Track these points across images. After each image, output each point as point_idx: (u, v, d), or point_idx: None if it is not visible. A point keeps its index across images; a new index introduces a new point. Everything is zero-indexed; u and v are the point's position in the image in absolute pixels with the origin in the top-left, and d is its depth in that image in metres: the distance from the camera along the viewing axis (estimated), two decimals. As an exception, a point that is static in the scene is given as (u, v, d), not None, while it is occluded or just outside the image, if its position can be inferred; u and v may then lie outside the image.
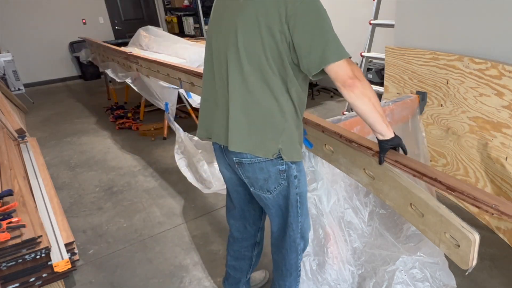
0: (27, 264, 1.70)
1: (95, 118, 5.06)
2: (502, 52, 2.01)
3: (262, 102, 1.22)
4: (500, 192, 2.10)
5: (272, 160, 1.28)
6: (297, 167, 1.35)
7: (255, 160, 1.28)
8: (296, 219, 1.44)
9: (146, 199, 2.89)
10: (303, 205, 1.44)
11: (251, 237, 1.67)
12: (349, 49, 1.23)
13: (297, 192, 1.38)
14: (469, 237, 1.01)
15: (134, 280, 2.05)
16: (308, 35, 1.12)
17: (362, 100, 1.14)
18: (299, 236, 1.48)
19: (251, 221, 1.63)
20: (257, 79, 1.21)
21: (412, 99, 1.92)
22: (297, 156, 1.32)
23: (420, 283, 1.64)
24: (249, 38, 1.17)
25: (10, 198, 2.03)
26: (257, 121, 1.24)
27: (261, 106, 1.23)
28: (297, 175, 1.35)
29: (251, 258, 1.72)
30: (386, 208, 1.90)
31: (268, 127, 1.24)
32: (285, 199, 1.39)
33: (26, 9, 6.87)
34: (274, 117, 1.24)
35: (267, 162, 1.28)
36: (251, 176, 1.34)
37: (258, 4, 1.15)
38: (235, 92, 1.23)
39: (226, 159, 1.39)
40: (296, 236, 1.47)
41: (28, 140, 3.13)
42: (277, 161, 1.29)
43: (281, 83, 1.22)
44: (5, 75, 5.86)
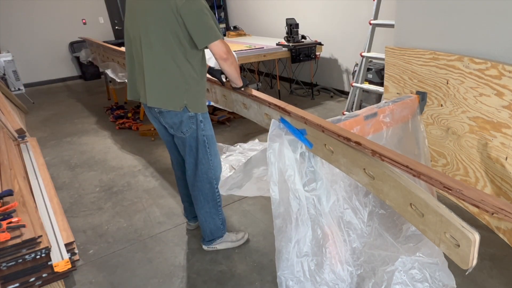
0: (27, 264, 1.70)
1: (95, 118, 5.07)
2: (502, 52, 2.01)
3: (168, 70, 1.74)
4: (500, 192, 2.10)
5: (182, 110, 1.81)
6: (202, 115, 1.90)
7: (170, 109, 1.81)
8: (205, 156, 1.97)
9: (146, 199, 2.89)
10: (211, 146, 1.97)
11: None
12: (349, 49, 1.26)
13: (203, 134, 1.92)
14: (469, 237, 1.01)
15: (134, 280, 2.05)
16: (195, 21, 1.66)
17: (231, 67, 1.82)
18: (211, 171, 2.01)
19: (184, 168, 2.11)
20: (164, 54, 1.72)
21: (412, 99, 1.92)
22: (200, 109, 1.87)
23: (419, 283, 1.63)
24: (155, 26, 1.69)
25: (10, 198, 2.03)
26: (166, 84, 1.77)
27: (168, 73, 1.75)
28: (202, 120, 1.90)
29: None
30: (386, 208, 1.90)
31: (174, 88, 1.77)
32: (195, 140, 1.92)
33: (26, 9, 6.87)
34: (178, 81, 1.76)
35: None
36: (169, 121, 1.87)
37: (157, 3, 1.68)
38: (148, 65, 1.75)
39: (151, 112, 1.91)
40: (207, 170, 2.00)
41: (28, 140, 3.13)
42: (186, 110, 1.82)
43: (182, 56, 1.73)
44: (5, 75, 5.86)
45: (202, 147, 1.94)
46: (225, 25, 7.68)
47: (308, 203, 1.65)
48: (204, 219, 2.11)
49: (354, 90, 3.96)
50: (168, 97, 1.78)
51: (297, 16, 5.12)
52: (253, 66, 6.55)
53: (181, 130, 1.87)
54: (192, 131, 1.88)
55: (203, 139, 1.93)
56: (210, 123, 1.96)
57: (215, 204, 2.09)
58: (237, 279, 2.01)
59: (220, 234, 2.19)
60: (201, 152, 1.95)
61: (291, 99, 5.43)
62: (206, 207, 2.08)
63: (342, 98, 5.25)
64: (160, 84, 1.77)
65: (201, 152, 1.95)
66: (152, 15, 1.69)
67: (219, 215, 2.13)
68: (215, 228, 2.15)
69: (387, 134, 1.81)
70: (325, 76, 5.64)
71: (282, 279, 1.68)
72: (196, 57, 1.78)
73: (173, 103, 1.79)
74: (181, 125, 1.86)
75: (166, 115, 1.84)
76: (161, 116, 1.86)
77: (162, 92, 1.78)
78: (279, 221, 1.69)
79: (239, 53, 4.39)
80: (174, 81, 1.76)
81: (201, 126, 1.89)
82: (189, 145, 1.93)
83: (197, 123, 1.87)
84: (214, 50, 1.73)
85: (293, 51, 4.79)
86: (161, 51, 1.71)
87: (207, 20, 1.67)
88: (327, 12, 5.23)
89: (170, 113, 1.82)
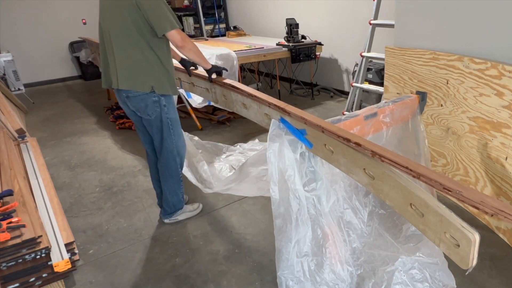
0: (27, 264, 1.70)
1: (95, 118, 5.07)
2: (502, 52, 2.01)
3: (135, 57, 2.01)
4: (500, 192, 2.10)
5: (148, 94, 2.06)
6: (165, 99, 2.14)
7: (136, 94, 2.07)
8: (170, 136, 2.23)
9: (146, 199, 2.89)
10: (174, 128, 2.24)
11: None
12: (349, 49, 1.26)
13: (167, 117, 2.18)
14: (469, 237, 1.01)
15: (134, 280, 2.05)
16: (152, 14, 1.92)
17: (189, 53, 2.08)
18: (175, 150, 2.28)
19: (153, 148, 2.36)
20: (130, 43, 1.99)
21: (412, 99, 1.92)
22: (165, 91, 2.10)
23: (419, 283, 1.63)
24: (121, 19, 1.96)
25: (10, 198, 2.03)
26: (134, 69, 2.03)
27: (135, 59, 2.01)
28: (165, 104, 2.15)
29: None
30: (386, 209, 1.90)
31: (142, 72, 2.03)
32: (160, 122, 2.17)
33: (26, 9, 6.87)
34: (144, 66, 2.03)
35: (145, 95, 2.07)
36: (136, 105, 2.12)
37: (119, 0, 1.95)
38: (119, 53, 2.01)
39: (121, 98, 2.15)
40: (172, 148, 2.27)
41: (28, 140, 3.13)
42: (151, 95, 2.08)
43: (146, 44, 2.00)
44: (5, 75, 5.86)
45: (166, 128, 2.20)
46: (225, 25, 7.68)
47: (308, 203, 1.65)
48: (169, 192, 2.40)
49: (354, 90, 3.96)
50: (137, 80, 2.04)
51: (297, 16, 5.11)
52: (253, 66, 6.55)
53: (147, 113, 2.13)
54: (157, 114, 2.14)
55: (167, 121, 2.19)
56: (174, 107, 2.23)
57: (178, 179, 2.39)
58: (237, 279, 2.01)
59: (180, 206, 2.50)
60: (165, 132, 2.21)
61: (291, 99, 5.43)
62: (170, 181, 2.36)
63: (342, 98, 5.25)
64: (130, 70, 2.02)
65: (166, 132, 2.21)
66: (118, 9, 1.96)
67: (181, 189, 2.44)
68: (177, 201, 2.46)
69: (387, 134, 1.81)
70: (325, 76, 5.63)
71: (282, 279, 1.68)
72: (159, 45, 2.03)
73: (142, 85, 2.04)
74: (147, 108, 2.11)
75: (133, 100, 2.09)
76: (128, 101, 2.11)
77: (131, 76, 2.03)
78: (279, 221, 1.69)
79: (239, 53, 4.39)
80: (141, 67, 2.02)
81: (164, 110, 2.15)
82: (155, 125, 2.18)
83: (161, 107, 2.13)
84: (170, 39, 1.99)
85: (293, 51, 4.79)
86: (127, 41, 1.98)
87: (162, 12, 1.93)
88: (327, 12, 5.23)
89: (136, 98, 2.08)
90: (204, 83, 2.36)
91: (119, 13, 1.96)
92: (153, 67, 2.04)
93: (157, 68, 2.05)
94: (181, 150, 2.33)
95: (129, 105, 2.14)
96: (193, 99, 3.99)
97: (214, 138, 3.89)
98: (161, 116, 2.15)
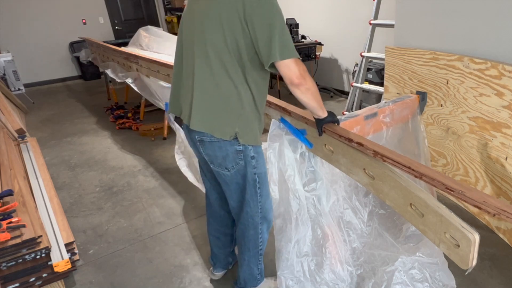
0: (27, 264, 1.70)
1: (95, 118, 5.06)
2: (502, 52, 2.01)
3: (222, 89, 1.40)
4: (500, 192, 2.10)
5: (231, 141, 1.45)
6: (254, 149, 1.52)
7: (214, 139, 1.46)
8: (254, 198, 1.60)
9: (146, 199, 2.89)
10: (262, 186, 1.60)
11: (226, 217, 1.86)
12: (349, 49, 1.27)
13: (255, 172, 1.55)
14: (469, 237, 1.01)
15: (134, 280, 2.05)
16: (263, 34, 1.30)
17: (307, 94, 1.39)
18: (259, 215, 1.64)
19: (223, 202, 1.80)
20: (219, 69, 1.38)
21: (412, 99, 1.92)
22: (253, 141, 1.49)
23: (419, 283, 1.63)
24: (213, 35, 1.36)
25: (10, 198, 2.03)
26: (217, 105, 1.42)
27: (221, 92, 1.40)
28: (254, 155, 1.52)
29: (232, 234, 1.93)
30: (386, 208, 1.90)
31: (226, 111, 1.42)
32: (243, 178, 1.55)
33: (26, 9, 6.87)
34: (232, 103, 1.41)
35: (226, 141, 1.46)
36: (211, 153, 1.51)
37: (220, 5, 1.34)
38: (200, 80, 1.43)
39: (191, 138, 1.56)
40: (254, 214, 1.63)
41: (28, 140, 3.14)
42: (235, 142, 1.46)
43: (241, 74, 1.40)
44: (5, 75, 5.86)
45: (251, 187, 1.57)
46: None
47: (308, 203, 1.65)
48: (241, 265, 1.83)
49: (354, 90, 3.96)
50: (217, 121, 1.43)
51: (297, 16, 5.12)
52: (253, 66, 6.54)
53: (225, 166, 1.52)
54: (240, 168, 1.52)
55: (253, 178, 1.55)
56: (263, 159, 1.59)
57: (256, 253, 1.76)
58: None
59: (254, 284, 1.86)
60: (249, 193, 1.58)
61: (291, 99, 5.41)
62: (246, 254, 1.77)
63: (342, 98, 5.25)
64: (211, 106, 1.43)
65: (250, 193, 1.58)
66: (212, 18, 1.35)
67: (258, 265, 1.81)
68: (251, 278, 1.84)
69: (387, 134, 1.82)
70: (325, 76, 5.64)
71: (282, 279, 1.69)
72: (257, 79, 1.44)
73: (222, 129, 1.43)
74: (226, 160, 1.50)
75: (208, 146, 1.49)
76: (201, 146, 1.51)
77: (210, 113, 1.43)
78: (279, 221, 1.69)
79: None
80: (227, 103, 1.41)
81: (252, 163, 1.52)
82: (235, 183, 1.57)
83: (247, 158, 1.50)
84: (284, 71, 1.33)
85: (293, 51, 4.78)
86: (217, 64, 1.38)
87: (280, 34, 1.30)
88: (327, 12, 5.23)
89: (213, 144, 1.47)
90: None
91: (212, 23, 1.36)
92: (243, 108, 1.42)
93: (248, 109, 1.44)
94: (268, 214, 1.67)
95: (201, 150, 1.53)
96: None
97: (214, 138, 3.89)
98: (245, 171, 1.53)
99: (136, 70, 3.81)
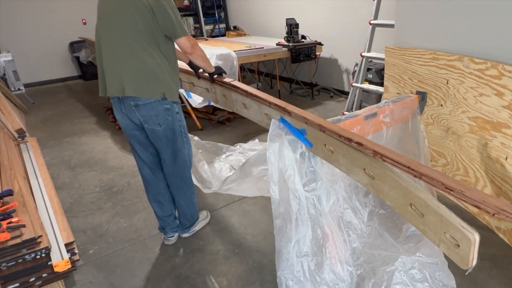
0: (27, 264, 1.70)
1: (95, 118, 5.07)
2: (502, 52, 2.01)
3: (146, 62, 1.86)
4: (500, 192, 2.10)
5: (160, 100, 1.91)
6: (177, 106, 2.03)
7: (147, 102, 1.90)
8: (183, 145, 2.11)
9: (146, 199, 2.88)
10: (186, 136, 2.13)
11: (160, 180, 2.22)
12: (349, 49, 1.27)
13: (180, 124, 2.06)
14: (469, 237, 1.01)
15: (134, 280, 2.05)
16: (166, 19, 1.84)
17: (198, 59, 2.06)
18: (187, 159, 2.17)
19: (153, 166, 2.18)
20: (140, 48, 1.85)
21: (412, 99, 1.92)
22: (176, 98, 2.00)
23: (419, 283, 1.63)
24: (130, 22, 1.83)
25: (10, 198, 2.03)
26: (144, 75, 1.88)
27: (145, 65, 1.87)
28: (178, 111, 2.04)
29: (169, 195, 2.28)
30: (386, 209, 1.90)
31: (152, 78, 1.89)
32: (172, 131, 2.02)
33: (26, 9, 6.87)
34: (155, 71, 1.88)
35: (156, 102, 1.91)
36: (146, 114, 1.93)
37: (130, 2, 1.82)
38: (126, 59, 1.87)
39: (123, 108, 1.96)
40: (185, 158, 2.15)
41: (28, 140, 3.14)
42: (163, 102, 1.93)
43: (157, 49, 1.90)
44: (5, 75, 5.86)
45: (180, 137, 2.07)
46: (225, 25, 7.68)
47: (308, 203, 1.65)
48: (186, 204, 2.27)
49: (354, 90, 3.96)
50: (147, 87, 1.89)
51: (297, 16, 5.11)
52: (253, 66, 6.55)
53: (158, 122, 1.95)
54: (168, 123, 1.98)
55: (180, 130, 2.06)
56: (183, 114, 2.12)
57: (193, 188, 2.29)
58: (237, 279, 2.01)
59: (197, 215, 2.39)
60: (179, 142, 2.07)
61: (291, 99, 5.43)
62: (188, 193, 2.24)
63: (342, 98, 5.25)
64: (139, 75, 1.87)
65: (179, 142, 2.07)
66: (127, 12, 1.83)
67: (196, 197, 2.34)
68: (194, 210, 2.34)
69: (387, 134, 1.81)
70: (325, 76, 5.63)
71: (282, 279, 1.68)
72: (168, 50, 1.96)
73: (152, 92, 1.89)
74: (158, 117, 1.94)
75: (143, 108, 1.91)
76: (137, 110, 1.92)
77: (140, 82, 1.88)
78: (279, 221, 1.69)
79: (239, 53, 4.39)
80: (151, 72, 1.88)
81: (177, 117, 2.02)
82: (165, 136, 2.01)
83: (173, 114, 1.99)
84: (181, 45, 1.93)
85: (293, 51, 4.79)
86: (138, 45, 1.85)
87: (175, 17, 1.87)
88: (327, 12, 5.23)
89: (146, 106, 1.90)
90: (204, 83, 2.36)
91: (128, 16, 1.83)
92: (163, 73, 1.91)
93: (167, 74, 1.93)
94: (191, 159, 2.24)
95: (137, 114, 1.93)
96: (193, 99, 4.00)
97: (214, 138, 3.89)
98: (174, 125, 2.00)
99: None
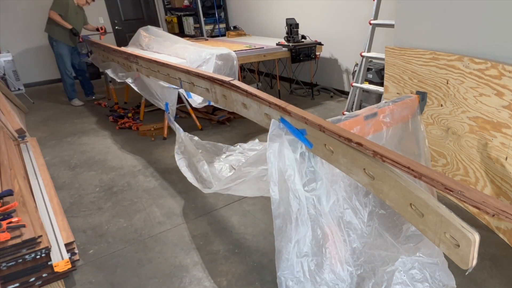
0: (27, 264, 1.70)
1: (95, 118, 5.07)
2: (502, 52, 2.01)
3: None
4: (500, 192, 2.10)
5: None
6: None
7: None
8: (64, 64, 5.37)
9: (146, 199, 2.89)
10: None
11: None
12: (349, 49, 1.27)
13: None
14: (469, 237, 1.01)
15: (134, 280, 2.05)
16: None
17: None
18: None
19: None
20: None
21: (412, 99, 1.92)
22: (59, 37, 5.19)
23: (419, 283, 1.63)
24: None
25: (10, 198, 2.03)
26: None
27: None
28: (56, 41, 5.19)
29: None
30: (386, 209, 1.90)
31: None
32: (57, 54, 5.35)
33: (26, 9, 6.86)
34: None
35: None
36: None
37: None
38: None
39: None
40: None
41: (28, 140, 3.14)
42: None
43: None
44: (5, 75, 5.86)
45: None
46: (225, 25, 7.68)
47: (308, 203, 1.64)
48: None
49: (354, 90, 3.96)
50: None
51: (297, 16, 5.11)
52: (253, 66, 6.55)
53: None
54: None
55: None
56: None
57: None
58: (237, 279, 2.01)
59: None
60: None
61: (291, 99, 5.43)
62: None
63: (342, 98, 5.25)
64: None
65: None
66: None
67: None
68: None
69: (387, 134, 1.81)
70: (325, 76, 5.63)
71: (282, 279, 1.68)
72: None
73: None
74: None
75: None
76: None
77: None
78: (279, 221, 1.69)
79: (239, 53, 4.39)
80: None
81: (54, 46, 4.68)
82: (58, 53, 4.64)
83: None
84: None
85: (293, 51, 4.79)
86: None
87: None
88: (327, 12, 5.23)
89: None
90: (204, 83, 2.36)
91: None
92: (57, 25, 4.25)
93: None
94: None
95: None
96: (193, 99, 3.99)
97: (214, 138, 3.89)
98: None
99: (136, 70, 3.81)
